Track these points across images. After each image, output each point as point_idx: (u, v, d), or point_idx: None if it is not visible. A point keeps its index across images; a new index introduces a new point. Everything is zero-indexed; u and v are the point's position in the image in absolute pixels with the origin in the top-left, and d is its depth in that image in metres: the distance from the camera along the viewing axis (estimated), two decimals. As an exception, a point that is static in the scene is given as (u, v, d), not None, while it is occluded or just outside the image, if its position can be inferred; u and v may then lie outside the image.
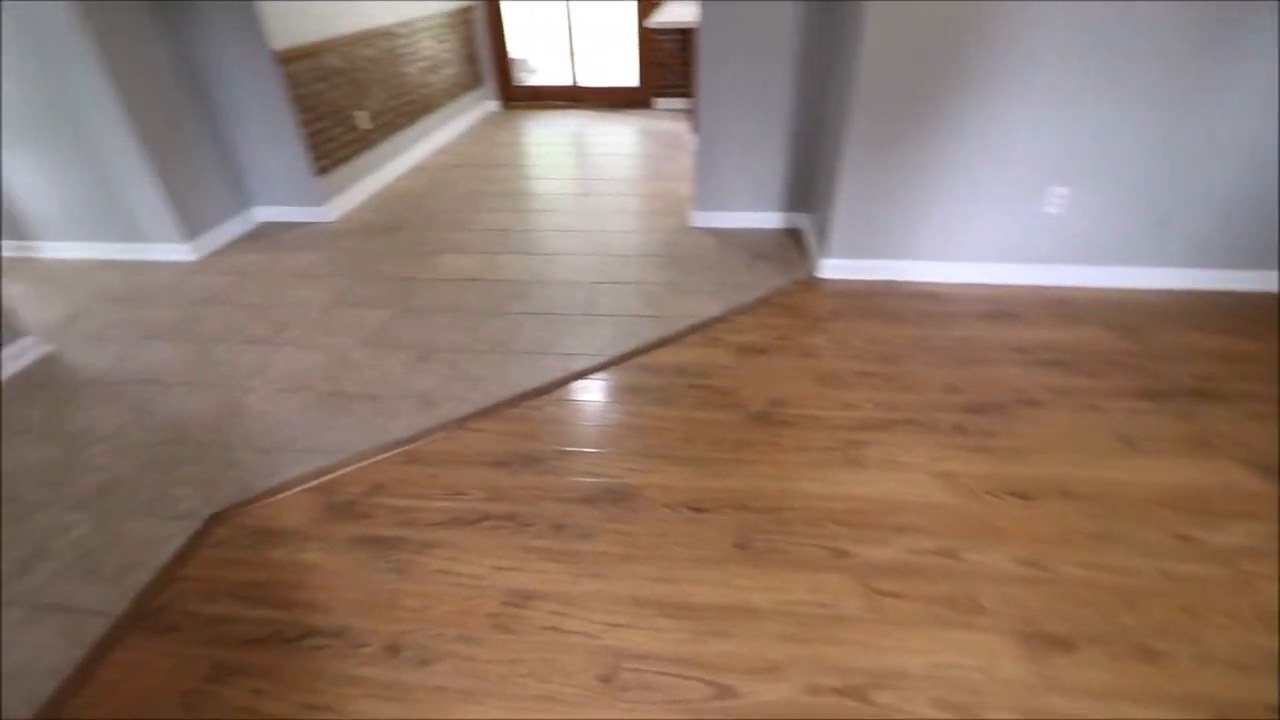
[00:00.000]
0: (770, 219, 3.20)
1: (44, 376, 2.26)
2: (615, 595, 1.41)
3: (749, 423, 1.91)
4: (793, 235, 3.13)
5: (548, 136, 5.06)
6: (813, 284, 2.68)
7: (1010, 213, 2.49)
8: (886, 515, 1.59)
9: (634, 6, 5.33)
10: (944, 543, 1.52)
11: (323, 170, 3.40)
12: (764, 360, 2.20)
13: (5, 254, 3.20)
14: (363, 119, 3.76)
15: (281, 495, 1.71)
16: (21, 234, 3.15)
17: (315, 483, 1.75)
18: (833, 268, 2.70)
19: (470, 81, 5.41)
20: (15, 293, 2.84)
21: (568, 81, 5.84)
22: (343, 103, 3.56)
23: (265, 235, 3.34)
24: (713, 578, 1.44)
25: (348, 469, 1.79)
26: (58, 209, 3.03)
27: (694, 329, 2.39)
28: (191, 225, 3.06)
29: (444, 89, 4.89)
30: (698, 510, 1.62)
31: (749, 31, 2.73)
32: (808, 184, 3.06)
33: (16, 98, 2.70)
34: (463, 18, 5.23)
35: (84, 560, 1.56)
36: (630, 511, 1.62)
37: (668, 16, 4.30)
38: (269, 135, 3.22)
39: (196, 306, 2.67)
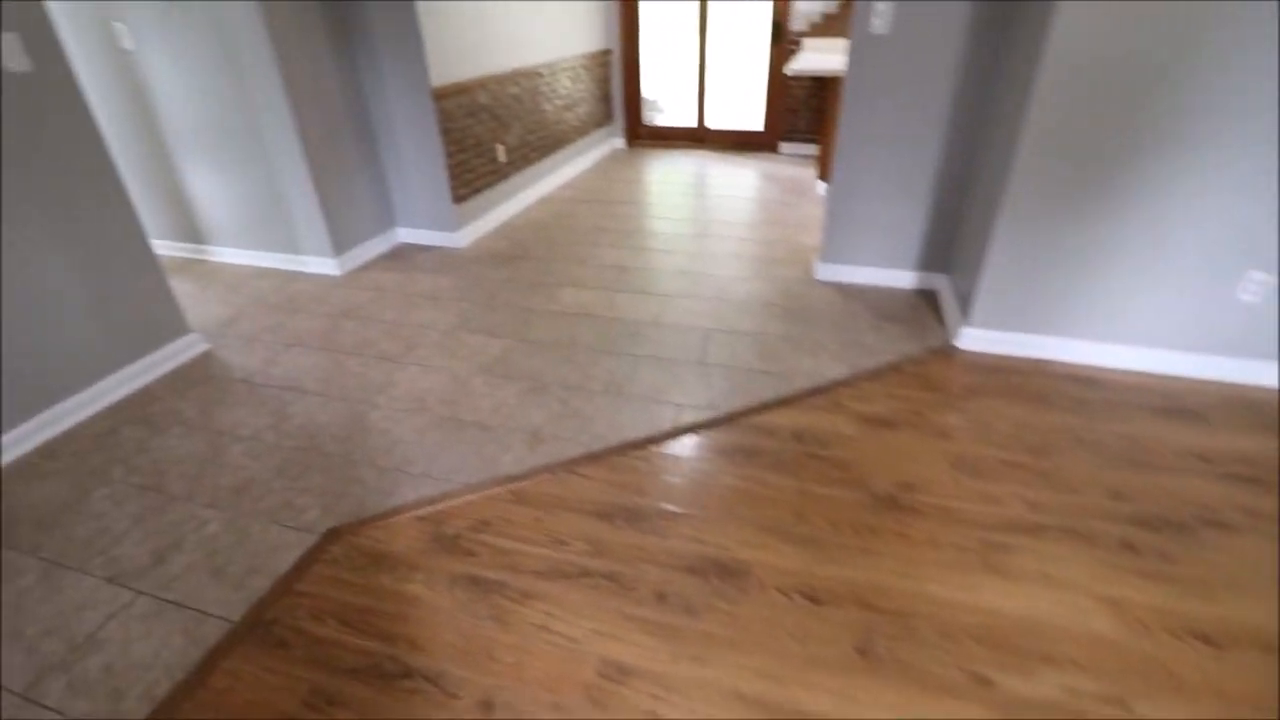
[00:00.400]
0: (902, 278, 3.01)
1: (200, 373, 2.47)
2: (719, 686, 1.30)
3: (873, 505, 1.75)
4: (926, 298, 2.92)
5: (670, 175, 5.10)
6: (949, 354, 2.47)
7: (1194, 295, 2.18)
8: (1036, 640, 1.38)
9: (765, 51, 5.33)
10: (1110, 687, 1.29)
11: (460, 198, 3.59)
12: (891, 435, 2.02)
13: (180, 255, 3.59)
14: (501, 152, 3.95)
15: (394, 519, 1.74)
16: (197, 238, 3.52)
17: (426, 511, 1.77)
18: (973, 338, 2.48)
19: (600, 119, 5.59)
20: (185, 290, 3.16)
21: (693, 122, 5.91)
22: (485, 136, 3.76)
23: (402, 255, 3.55)
24: (829, 684, 1.30)
25: (457, 500, 1.80)
26: (229, 217, 3.37)
27: (814, 391, 2.25)
28: (341, 241, 3.29)
29: (576, 126, 5.07)
30: (814, 600, 1.48)
31: (898, 83, 2.61)
32: (949, 244, 2.86)
33: (207, 112, 3.04)
34: (601, 60, 5.43)
35: (212, 559, 1.64)
36: (739, 590, 1.51)
37: (807, 64, 4.24)
38: (418, 164, 3.44)
39: (337, 319, 2.85)
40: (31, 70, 1.97)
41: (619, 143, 6.02)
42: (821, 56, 4.59)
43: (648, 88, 5.95)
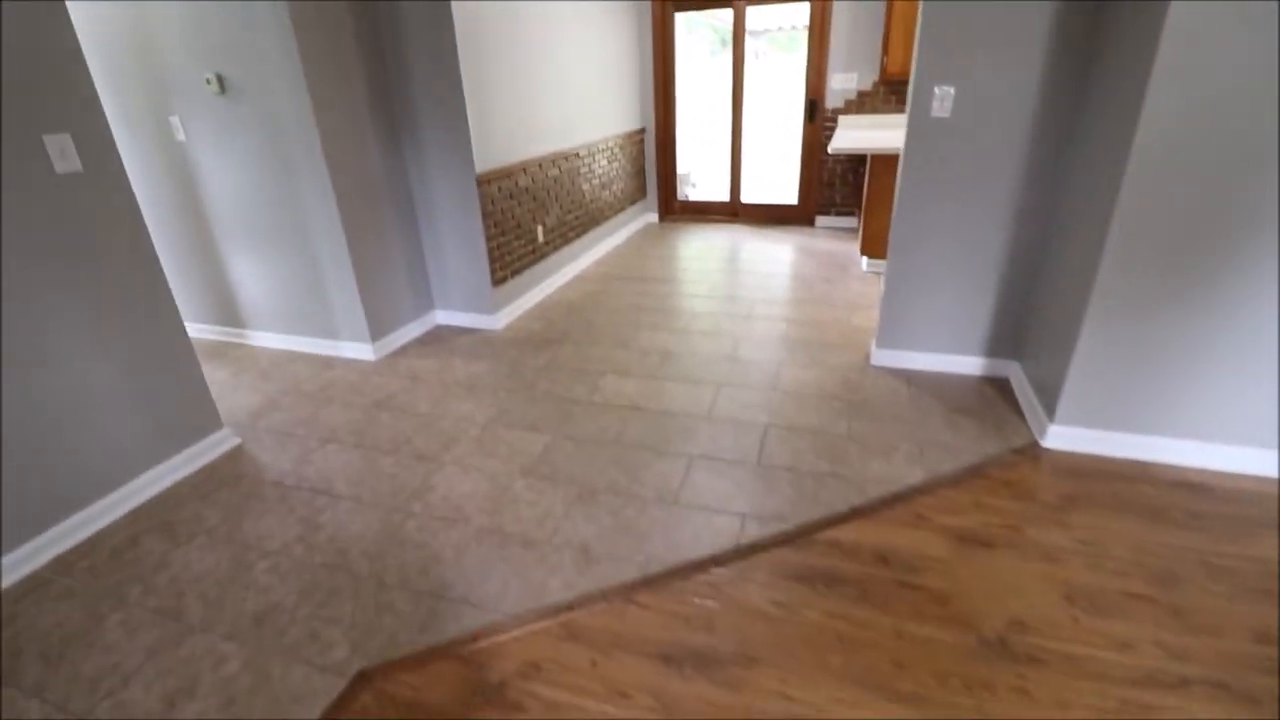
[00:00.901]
0: (968, 364, 2.82)
1: (230, 471, 2.34)
2: None
3: (983, 651, 1.50)
4: (997, 386, 2.71)
5: (707, 251, 5.04)
6: (1035, 454, 2.24)
7: (1318, 395, 1.95)
8: None
9: (800, 127, 5.34)
10: None
11: (499, 281, 3.52)
12: (990, 558, 1.79)
13: (218, 338, 3.55)
14: (540, 233, 3.91)
15: (432, 662, 1.54)
16: (235, 321, 3.49)
17: (467, 650, 1.56)
18: (1062, 436, 2.25)
19: (635, 195, 5.61)
20: (220, 377, 3.09)
21: (726, 197, 5.90)
22: (525, 218, 3.73)
23: (439, 339, 3.47)
24: None
25: (502, 636, 1.60)
26: (268, 301, 3.33)
27: (892, 499, 2.04)
28: (378, 327, 3.22)
29: (611, 203, 5.07)
30: (933, 787, 1.23)
31: (960, 167, 2.50)
32: (1019, 328, 2.67)
33: (252, 200, 3.04)
34: (636, 138, 5.50)
35: (229, 707, 1.45)
36: (840, 769, 1.26)
37: (850, 143, 4.20)
38: (459, 247, 3.40)
39: (371, 410, 2.73)
40: (81, 171, 1.94)
41: (652, 218, 6.03)
42: (862, 134, 4.56)
43: (681, 162, 6.00)
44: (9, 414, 1.83)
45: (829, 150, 4.08)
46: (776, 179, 6.26)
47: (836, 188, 5.42)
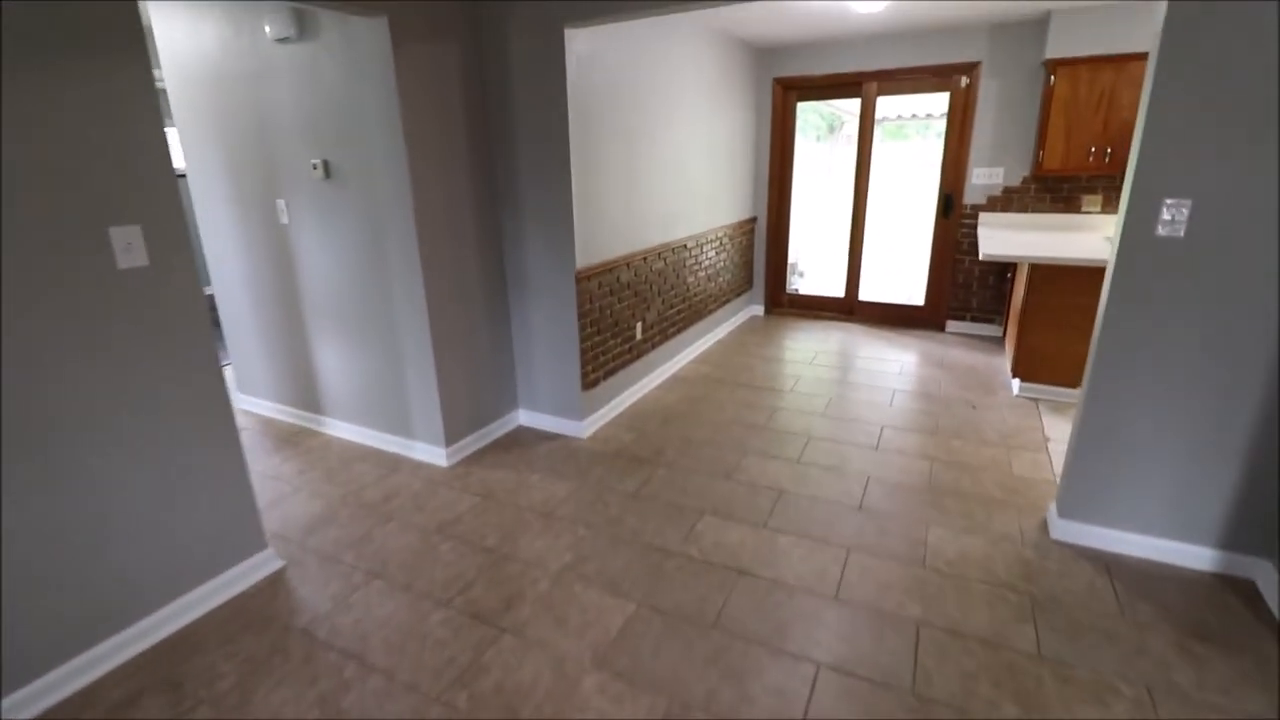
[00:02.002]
0: (1196, 556, 2.10)
1: (259, 610, 2.00)
2: None
3: None
4: (1242, 593, 1.97)
5: (820, 353, 4.51)
6: (1349, 737, 1.50)
7: None
8: None
9: (930, 221, 4.81)
10: None
11: (590, 384, 3.16)
12: None
13: (294, 421, 3.38)
14: (639, 330, 3.56)
15: None
16: (314, 407, 3.30)
17: None
18: (1391, 715, 1.51)
19: (741, 286, 5.22)
20: (287, 471, 2.85)
21: (840, 292, 5.39)
22: (624, 315, 3.39)
23: (519, 443, 3.11)
24: None
25: None
26: (347, 391, 3.12)
27: (1129, 795, 1.37)
28: (454, 430, 2.91)
29: (717, 295, 4.69)
30: None
31: (1193, 301, 1.90)
32: (1276, 519, 1.95)
33: (345, 286, 2.87)
34: (747, 228, 5.16)
35: None
36: None
37: (1009, 248, 3.62)
38: (551, 349, 3.08)
39: (432, 536, 2.36)
40: (147, 265, 1.75)
41: (758, 310, 5.59)
42: (1018, 238, 3.96)
43: (793, 252, 5.58)
44: (20, 533, 1.58)
45: (981, 255, 3.52)
46: (901, 276, 5.71)
47: (974, 290, 4.78)
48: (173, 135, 2.57)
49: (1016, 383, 3.64)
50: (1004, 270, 4.60)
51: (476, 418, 3.04)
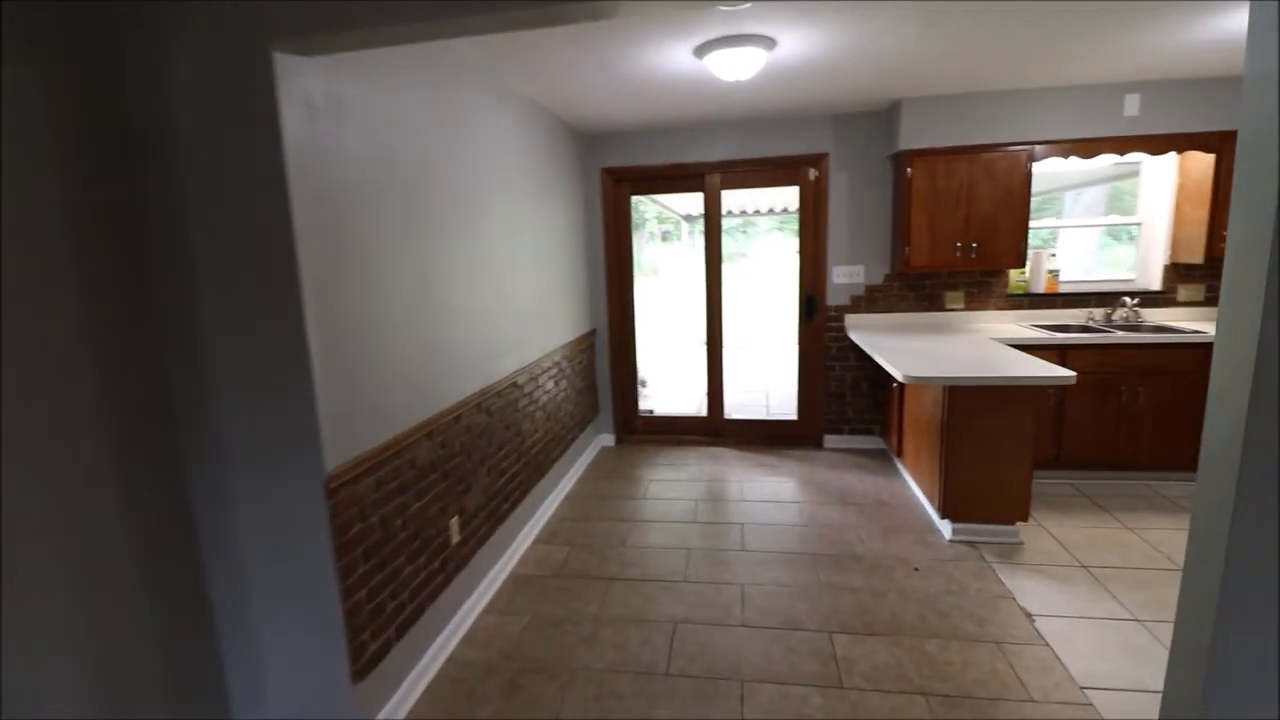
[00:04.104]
0: None
1: None
2: None
3: None
4: None
5: (697, 496, 3.53)
6: None
7: None
8: None
9: (794, 326, 4.22)
10: None
11: (369, 663, 1.77)
12: None
13: None
14: (455, 529, 2.27)
15: None
16: None
17: None
18: None
19: (586, 415, 4.14)
20: None
21: (700, 409, 4.57)
22: (428, 517, 2.09)
23: (224, 818, 1.59)
24: None
25: None
26: None
27: None
28: None
29: (559, 435, 3.55)
30: None
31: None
32: None
33: None
34: (586, 344, 4.16)
35: None
36: None
37: (937, 369, 2.99)
38: (290, 621, 1.66)
39: None
40: None
41: (607, 439, 4.53)
42: (911, 346, 3.39)
43: (642, 368, 4.69)
44: None
45: (902, 378, 2.82)
46: (760, 388, 5.10)
47: (848, 400, 4.21)
48: None
49: (948, 525, 2.94)
50: (879, 377, 4.10)
51: (123, 791, 1.48)
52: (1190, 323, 3.66)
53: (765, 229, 6.32)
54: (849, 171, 3.92)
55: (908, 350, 3.24)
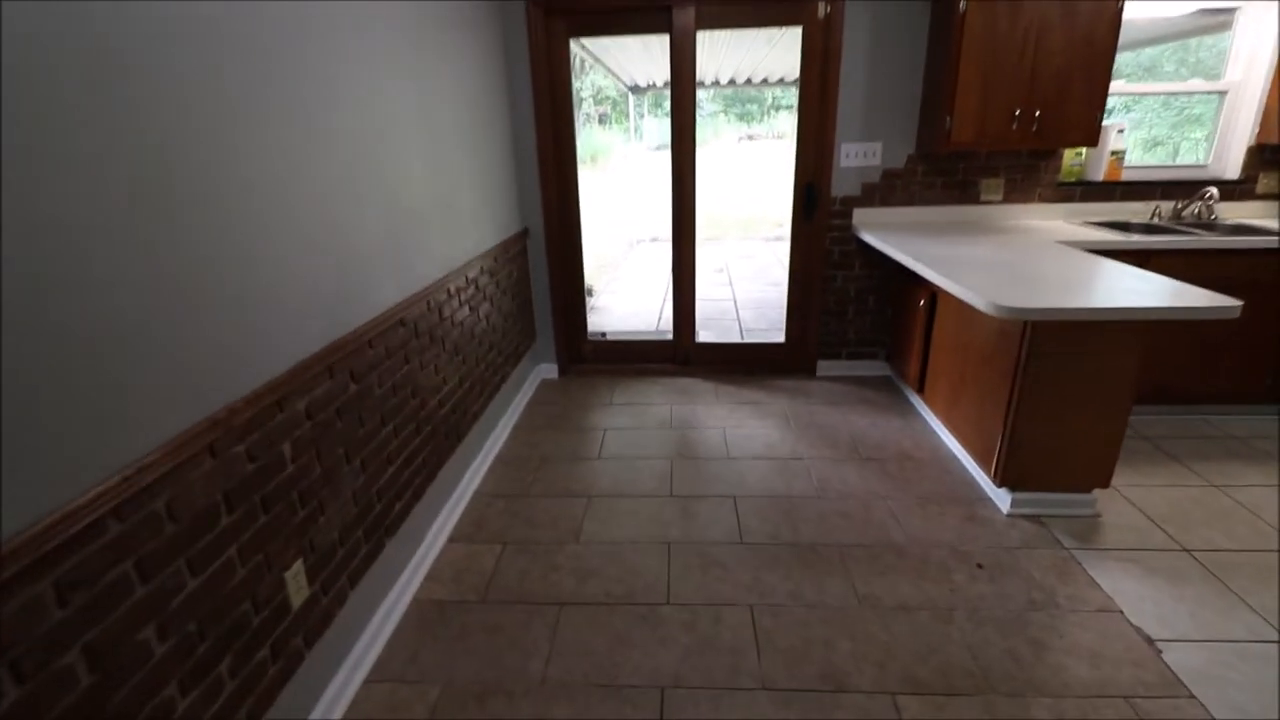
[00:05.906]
0: None
1: None
2: None
3: None
4: None
5: (667, 454, 2.72)
6: None
7: None
8: None
9: (787, 226, 3.29)
10: None
11: None
12: None
13: None
14: (296, 585, 1.34)
15: None
16: None
17: None
18: None
19: (519, 344, 3.18)
20: None
21: (666, 332, 3.67)
22: (230, 590, 1.15)
23: None
24: None
25: None
26: None
27: None
28: None
29: (482, 379, 2.60)
30: None
31: None
32: None
33: None
34: (516, 247, 3.12)
35: None
36: None
37: (1064, 298, 2.14)
38: None
39: None
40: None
41: (549, 370, 3.61)
42: (944, 253, 2.52)
43: (589, 277, 3.69)
44: None
45: (995, 312, 1.98)
46: (718, 295, 4.20)
47: (849, 318, 3.39)
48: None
49: (1005, 496, 2.23)
50: (886, 286, 3.27)
51: None
52: (1268, 220, 2.96)
53: (758, 109, 5.20)
54: (872, 11, 2.85)
55: (967, 261, 2.38)
